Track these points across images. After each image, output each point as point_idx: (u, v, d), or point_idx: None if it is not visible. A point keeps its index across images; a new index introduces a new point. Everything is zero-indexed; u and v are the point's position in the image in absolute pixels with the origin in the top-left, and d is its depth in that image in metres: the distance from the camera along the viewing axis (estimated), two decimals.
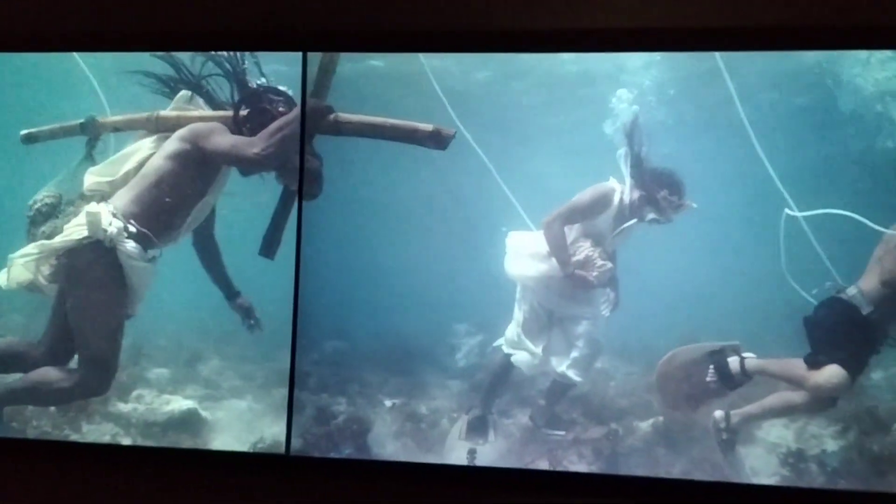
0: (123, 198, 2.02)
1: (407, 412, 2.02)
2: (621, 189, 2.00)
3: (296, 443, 1.99)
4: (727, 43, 1.89)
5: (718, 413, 1.94)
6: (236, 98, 2.05)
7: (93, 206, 2.00)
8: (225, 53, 2.04)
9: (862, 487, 1.84)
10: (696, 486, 1.89)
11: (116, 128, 2.12)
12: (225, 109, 2.07)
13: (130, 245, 1.99)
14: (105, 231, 1.97)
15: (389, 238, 2.09)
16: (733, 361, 1.94)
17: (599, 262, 2.01)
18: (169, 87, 2.08)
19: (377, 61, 2.05)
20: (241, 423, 2.03)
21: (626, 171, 2.00)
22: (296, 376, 1.99)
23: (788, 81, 1.92)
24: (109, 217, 1.98)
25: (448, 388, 2.04)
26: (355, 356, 2.05)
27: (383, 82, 2.05)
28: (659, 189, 1.97)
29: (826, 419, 1.91)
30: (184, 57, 2.05)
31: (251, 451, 1.99)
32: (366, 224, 2.08)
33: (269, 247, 2.01)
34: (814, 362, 1.88)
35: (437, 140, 1.95)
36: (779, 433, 1.93)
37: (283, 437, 1.98)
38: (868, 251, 1.90)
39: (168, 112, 2.08)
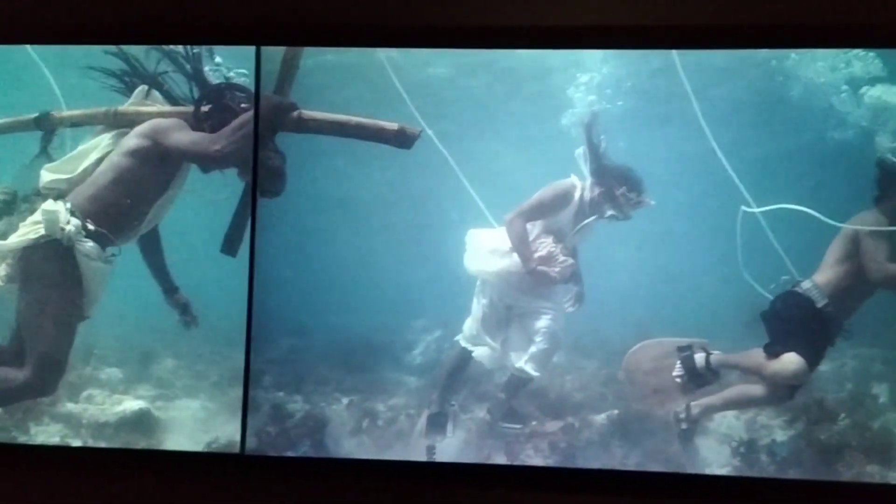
0: (81, 195, 1.98)
1: (364, 409, 2.01)
2: (581, 186, 2.02)
3: (251, 442, 1.96)
4: (682, 41, 1.93)
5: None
6: (195, 94, 2.03)
7: (50, 204, 1.96)
8: (181, 50, 2.01)
9: (810, 476, 1.88)
10: (651, 477, 1.91)
11: (73, 123, 2.07)
12: (183, 105, 2.04)
13: (89, 245, 1.95)
14: (63, 230, 1.93)
15: (347, 234, 2.08)
16: (699, 357, 1.97)
17: (561, 258, 2.02)
18: (124, 83, 2.04)
19: (334, 54, 2.04)
20: (196, 423, 2.00)
21: (585, 169, 2.02)
22: (250, 375, 1.97)
23: (741, 77, 1.96)
24: (67, 215, 1.95)
25: (406, 384, 2.04)
26: (311, 353, 2.03)
27: (340, 75, 2.04)
28: (618, 186, 1.99)
29: (775, 410, 1.94)
30: (138, 53, 2.02)
31: (206, 450, 1.96)
32: (323, 220, 2.07)
33: (231, 244, 1.99)
34: (772, 351, 1.92)
35: (403, 139, 1.95)
36: (730, 424, 1.96)
37: (238, 437, 1.96)
38: (823, 245, 1.95)
39: (127, 107, 2.04)
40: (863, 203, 1.92)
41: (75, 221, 1.94)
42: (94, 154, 2.02)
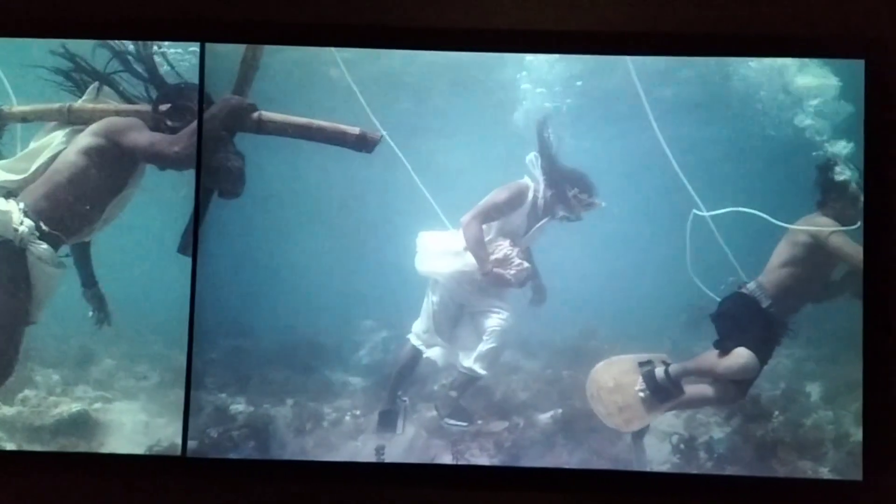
0: (35, 195, 1.93)
1: (309, 410, 2.00)
2: (534, 186, 2.04)
3: (193, 444, 1.93)
4: (633, 47, 1.97)
5: None
6: (151, 93, 1.99)
7: (2, 204, 1.90)
8: (132, 50, 1.97)
9: (746, 472, 1.93)
10: (593, 475, 1.95)
11: (24, 118, 2.01)
12: (139, 103, 2.00)
13: (42, 247, 1.90)
14: (16, 231, 1.87)
15: (295, 234, 2.05)
16: (659, 371, 2.00)
17: (517, 262, 2.04)
18: (72, 81, 1.99)
19: (288, 51, 2.01)
20: (136, 425, 1.95)
21: (537, 172, 2.04)
22: (192, 376, 1.94)
23: (685, 78, 1.99)
24: (20, 216, 1.89)
25: (351, 385, 2.02)
26: (255, 354, 2.00)
27: (294, 72, 2.01)
28: (570, 188, 2.02)
29: (714, 407, 1.99)
30: (85, 52, 1.96)
31: (147, 453, 1.93)
32: (270, 219, 2.02)
33: (188, 244, 1.95)
34: (723, 349, 1.96)
35: (364, 143, 1.96)
36: (670, 422, 1.99)
37: (179, 439, 1.92)
38: (770, 246, 2.00)
39: (81, 104, 1.99)
40: (807, 204, 1.97)
41: (28, 222, 1.89)
42: (47, 152, 1.97)
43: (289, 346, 2.03)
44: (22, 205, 1.90)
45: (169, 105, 1.97)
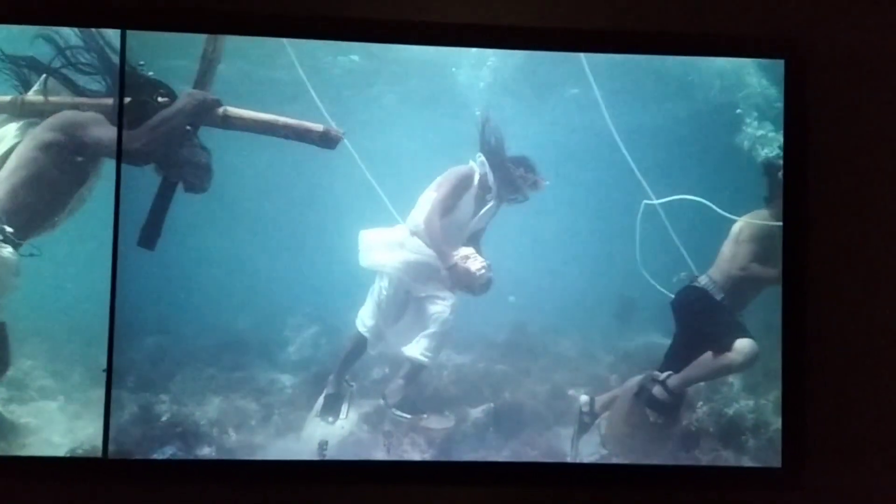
0: None
1: (236, 408, 1.96)
2: (480, 170, 2.06)
3: (114, 445, 1.88)
4: (584, 44, 1.99)
5: (584, 398, 2.02)
6: (107, 81, 1.92)
7: None
8: (77, 42, 1.90)
9: (671, 462, 1.97)
10: (523, 467, 1.96)
11: None
12: (89, 95, 1.93)
13: (7, 251, 1.83)
14: None
15: (224, 229, 2.00)
16: (657, 391, 2.00)
17: (480, 259, 2.05)
18: (18, 78, 1.91)
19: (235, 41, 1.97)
20: (54, 427, 1.89)
21: (486, 170, 2.05)
22: (114, 374, 1.88)
23: (635, 67, 2.01)
24: None
25: (279, 382, 2.00)
26: (180, 351, 1.96)
27: (238, 62, 1.98)
28: (515, 168, 2.04)
29: None
30: (23, 45, 1.88)
31: (68, 455, 1.87)
32: (197, 213, 1.97)
33: (148, 238, 1.92)
34: (719, 348, 1.98)
35: (327, 140, 1.97)
36: None
37: (101, 440, 1.87)
38: (720, 239, 2.03)
39: (36, 96, 1.92)
40: (756, 198, 2.01)
41: None
42: (1, 146, 1.90)
43: (214, 343, 1.99)
44: None
45: (129, 99, 1.93)
